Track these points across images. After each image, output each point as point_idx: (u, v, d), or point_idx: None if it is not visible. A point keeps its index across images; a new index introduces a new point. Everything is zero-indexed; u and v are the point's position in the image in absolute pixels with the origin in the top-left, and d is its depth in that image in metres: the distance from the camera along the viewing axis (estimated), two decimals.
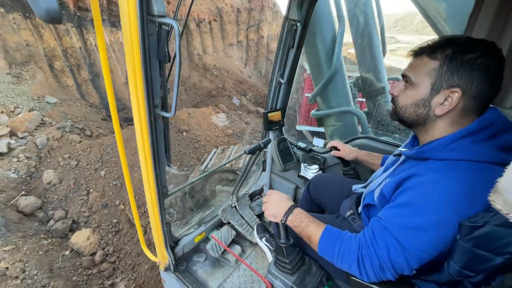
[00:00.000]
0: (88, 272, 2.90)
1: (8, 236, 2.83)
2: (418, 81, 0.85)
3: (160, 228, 1.29)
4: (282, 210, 1.06)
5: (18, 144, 4.31)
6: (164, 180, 1.22)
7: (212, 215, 1.84)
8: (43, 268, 2.64)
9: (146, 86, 0.89)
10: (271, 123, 1.71)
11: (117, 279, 2.93)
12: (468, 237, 0.68)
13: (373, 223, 0.84)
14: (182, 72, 8.93)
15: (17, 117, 4.73)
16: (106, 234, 3.32)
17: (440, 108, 0.82)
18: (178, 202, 3.69)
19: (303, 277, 1.16)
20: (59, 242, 3.13)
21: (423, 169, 0.80)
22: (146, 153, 1.03)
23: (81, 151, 4.12)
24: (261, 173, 2.16)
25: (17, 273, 2.50)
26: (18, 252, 2.71)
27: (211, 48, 9.61)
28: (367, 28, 3.07)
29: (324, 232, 0.92)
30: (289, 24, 1.49)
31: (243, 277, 1.51)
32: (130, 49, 0.82)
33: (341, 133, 3.03)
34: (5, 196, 3.38)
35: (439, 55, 0.80)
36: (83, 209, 3.49)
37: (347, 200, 1.28)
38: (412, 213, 0.75)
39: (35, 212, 3.39)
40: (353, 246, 0.83)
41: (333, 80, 2.68)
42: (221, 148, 4.03)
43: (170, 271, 1.49)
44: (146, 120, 0.96)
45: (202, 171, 3.65)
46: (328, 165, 1.90)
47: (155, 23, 0.85)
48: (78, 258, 3.02)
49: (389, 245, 0.77)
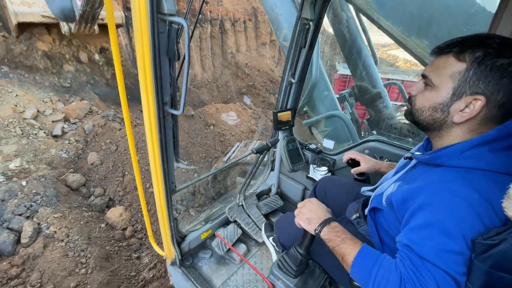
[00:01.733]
0: (119, 244, 3.26)
1: (57, 206, 3.30)
2: (438, 83, 0.77)
3: (167, 223, 1.31)
4: (318, 219, 0.97)
5: (70, 129, 4.93)
6: (172, 176, 1.24)
7: (219, 212, 1.83)
8: (83, 236, 3.04)
9: (155, 83, 0.90)
10: (281, 123, 1.69)
11: (143, 253, 3.25)
12: (483, 256, 0.61)
13: (405, 251, 0.74)
14: (215, 70, 9.30)
15: (70, 105, 5.40)
16: (136, 213, 3.68)
17: (459, 115, 0.75)
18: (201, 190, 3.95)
19: (306, 280, 1.13)
20: (97, 216, 3.55)
21: (436, 178, 0.75)
22: (155, 149, 1.05)
23: (120, 138, 4.58)
24: (269, 173, 2.14)
25: (63, 237, 2.93)
26: (65, 219, 3.15)
27: (244, 47, 9.83)
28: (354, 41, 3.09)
29: (360, 253, 0.82)
30: (301, 23, 1.46)
31: (247, 276, 1.50)
32: (141, 47, 0.83)
33: (333, 137, 3.01)
34: (57, 172, 3.93)
35: (468, 57, 0.71)
36: (118, 189, 3.90)
37: (353, 202, 1.23)
38: (441, 232, 0.68)
39: (79, 187, 3.88)
40: (394, 278, 0.73)
41: (316, 88, 2.75)
42: (244, 142, 4.20)
43: (176, 266, 1.51)
44: (155, 117, 0.97)
45: (224, 162, 3.86)
46: (337, 167, 1.86)
47: (165, 21, 0.85)
48: (112, 231, 3.40)
49: (436, 275, 0.67)
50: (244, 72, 9.02)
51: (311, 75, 2.65)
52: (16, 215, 3.01)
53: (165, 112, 1.01)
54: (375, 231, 1.00)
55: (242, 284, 1.46)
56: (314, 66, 2.57)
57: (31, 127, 4.69)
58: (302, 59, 1.59)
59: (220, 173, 3.77)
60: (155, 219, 3.61)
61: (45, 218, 3.07)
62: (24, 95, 5.04)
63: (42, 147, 4.38)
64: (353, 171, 1.37)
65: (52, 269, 2.62)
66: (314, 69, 2.56)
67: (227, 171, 3.79)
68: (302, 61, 1.59)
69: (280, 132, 1.81)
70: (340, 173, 1.84)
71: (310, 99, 2.89)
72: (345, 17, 3.01)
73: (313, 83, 2.65)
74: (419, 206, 0.73)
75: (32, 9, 4.60)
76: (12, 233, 2.82)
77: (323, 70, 2.79)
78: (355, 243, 0.86)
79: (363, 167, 1.34)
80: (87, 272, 2.69)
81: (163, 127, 1.02)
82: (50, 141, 4.56)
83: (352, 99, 3.36)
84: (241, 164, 3.80)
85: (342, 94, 3.32)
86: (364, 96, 3.22)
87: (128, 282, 2.84)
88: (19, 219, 2.96)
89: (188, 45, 0.87)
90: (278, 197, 2.08)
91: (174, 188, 1.27)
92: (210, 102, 6.72)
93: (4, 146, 4.14)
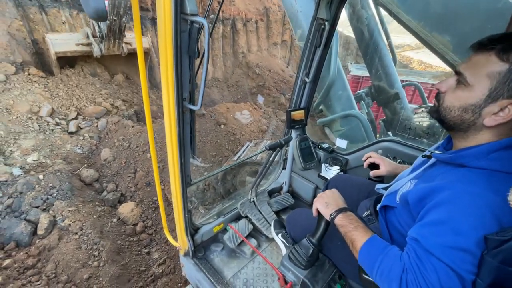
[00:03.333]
0: (130, 239, 3.33)
1: (72, 199, 3.40)
2: (474, 82, 0.72)
3: (182, 215, 1.36)
4: (336, 205, 1.00)
5: (85, 125, 5.05)
6: (188, 169, 1.27)
7: (231, 207, 1.87)
8: (95, 229, 3.12)
9: (176, 79, 0.94)
10: (294, 121, 1.70)
11: (153, 249, 3.30)
12: (494, 251, 0.61)
13: (413, 244, 0.75)
14: (226, 70, 9.35)
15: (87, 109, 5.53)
16: (147, 209, 3.75)
17: (491, 118, 0.71)
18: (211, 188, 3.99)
19: (315, 272, 1.16)
20: (109, 210, 3.64)
21: (457, 179, 0.73)
22: (173, 142, 1.09)
23: (132, 135, 4.67)
24: (281, 171, 2.15)
25: (77, 230, 3.01)
26: (79, 213, 3.24)
27: (255, 46, 9.85)
28: (373, 40, 3.01)
29: (369, 241, 0.84)
30: (317, 23, 1.47)
31: (257, 270, 1.53)
32: (164, 44, 0.87)
33: (348, 137, 2.97)
34: (72, 167, 4.05)
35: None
36: (130, 185, 3.98)
37: (365, 200, 1.24)
38: (453, 231, 0.67)
39: (93, 182, 3.98)
40: (396, 267, 0.74)
41: (334, 87, 2.70)
42: (254, 141, 4.21)
43: (189, 257, 1.55)
44: (175, 112, 1.01)
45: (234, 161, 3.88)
46: (350, 167, 1.84)
47: (187, 21, 0.89)
48: (123, 226, 3.47)
49: (438, 269, 0.67)
50: (255, 72, 9.04)
51: (329, 74, 2.62)
52: (33, 207, 3.12)
53: (184, 107, 1.05)
54: (386, 228, 1.00)
55: (252, 277, 1.48)
56: (332, 65, 2.54)
57: (47, 123, 4.84)
58: (317, 58, 1.59)
59: (230, 172, 3.79)
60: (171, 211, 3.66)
61: (60, 211, 3.16)
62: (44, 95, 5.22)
63: (58, 142, 4.52)
64: (372, 173, 1.35)
65: (66, 260, 2.70)
66: (332, 67, 2.54)
67: (237, 170, 3.81)
68: (317, 60, 1.60)
69: (293, 130, 1.83)
70: (353, 173, 1.83)
71: (327, 98, 2.86)
72: (365, 15, 2.96)
73: (331, 81, 2.62)
74: (436, 204, 0.72)
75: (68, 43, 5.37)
76: (29, 225, 2.92)
77: (341, 69, 2.75)
78: (366, 232, 0.88)
79: (383, 171, 1.30)
80: (99, 265, 2.76)
81: (181, 121, 1.06)
82: (65, 137, 4.69)
83: (368, 99, 3.31)
84: (250, 164, 3.81)
85: (359, 93, 3.27)
86: (382, 96, 3.17)
87: (138, 277, 2.89)
88: (36, 211, 3.06)
89: (208, 43, 0.90)
90: (289, 195, 2.10)
91: (189, 181, 1.30)
92: (221, 102, 6.77)
93: (23, 140, 4.29)
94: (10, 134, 4.29)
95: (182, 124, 1.07)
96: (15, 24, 5.36)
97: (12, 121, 4.54)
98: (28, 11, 5.63)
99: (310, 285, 1.12)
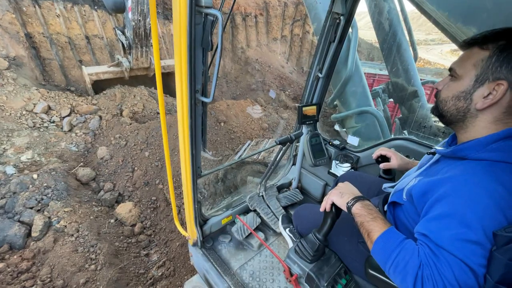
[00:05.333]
0: (128, 241, 3.23)
1: (68, 200, 3.28)
2: (462, 73, 0.80)
3: (192, 205, 1.40)
4: (352, 194, 0.99)
5: (78, 122, 4.91)
6: (199, 161, 1.30)
7: (240, 201, 1.91)
8: (92, 231, 3.01)
9: (189, 71, 0.96)
10: (305, 117, 1.71)
11: (152, 250, 3.21)
12: (504, 248, 0.62)
13: (424, 240, 0.76)
14: (224, 65, 9.21)
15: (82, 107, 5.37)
16: (145, 209, 3.64)
17: (482, 101, 0.76)
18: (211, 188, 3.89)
19: (321, 266, 1.18)
20: (107, 211, 3.53)
21: (459, 171, 0.75)
22: (185, 133, 1.12)
23: (130, 133, 4.54)
24: (291, 167, 2.17)
25: (73, 232, 2.90)
26: (75, 214, 3.13)
27: (254, 42, 9.71)
28: (394, 34, 2.90)
29: (386, 232, 0.84)
30: (332, 18, 1.47)
31: (264, 263, 1.57)
32: (179, 37, 0.89)
33: (362, 134, 2.89)
34: (68, 165, 3.91)
35: (491, 45, 0.75)
36: (128, 184, 3.87)
37: (375, 198, 1.24)
38: (459, 223, 0.68)
39: (89, 182, 3.86)
40: (413, 262, 0.74)
41: (350, 83, 2.61)
42: (256, 140, 4.11)
43: (197, 247, 1.60)
44: (187, 103, 1.03)
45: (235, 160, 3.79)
46: (361, 165, 1.83)
47: (201, 13, 0.91)
48: (121, 227, 3.37)
49: (452, 264, 0.68)
50: (255, 68, 8.92)
51: (346, 68, 2.52)
52: (27, 208, 3.00)
53: (196, 99, 1.07)
54: (394, 225, 0.99)
55: (258, 269, 1.52)
56: (350, 59, 2.45)
57: (42, 120, 4.69)
58: (331, 54, 1.58)
59: (231, 171, 3.70)
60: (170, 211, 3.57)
61: (56, 212, 3.05)
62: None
63: (53, 140, 4.38)
64: (382, 166, 1.34)
65: (62, 264, 2.59)
66: (350, 62, 2.45)
67: (238, 169, 3.72)
68: (331, 56, 1.59)
69: (304, 126, 1.82)
70: (363, 171, 1.82)
71: (342, 93, 2.75)
72: (387, 7, 2.86)
73: (348, 76, 2.52)
74: (439, 197, 0.73)
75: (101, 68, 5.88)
76: (23, 226, 2.81)
77: (359, 64, 2.67)
78: (385, 223, 0.88)
79: (394, 164, 1.30)
80: (97, 269, 2.66)
81: (193, 113, 1.08)
82: (60, 134, 4.55)
83: (385, 96, 3.21)
84: (252, 163, 3.71)
85: (375, 90, 3.18)
86: (400, 93, 3.08)
87: (137, 280, 2.80)
88: (30, 212, 2.95)
89: (222, 36, 0.91)
90: (298, 191, 2.09)
91: (200, 172, 1.32)
92: (220, 98, 6.64)
93: (17, 138, 4.15)
94: (3, 131, 4.14)
95: (194, 116, 1.09)
96: (7, 16, 5.18)
97: (5, 118, 4.39)
98: (21, 3, 5.45)
99: (315, 278, 1.13)
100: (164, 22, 8.02)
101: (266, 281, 1.46)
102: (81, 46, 6.74)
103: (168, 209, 3.65)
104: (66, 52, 6.50)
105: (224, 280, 1.45)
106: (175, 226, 3.19)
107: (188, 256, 2.99)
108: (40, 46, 6.01)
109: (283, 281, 1.44)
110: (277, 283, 1.45)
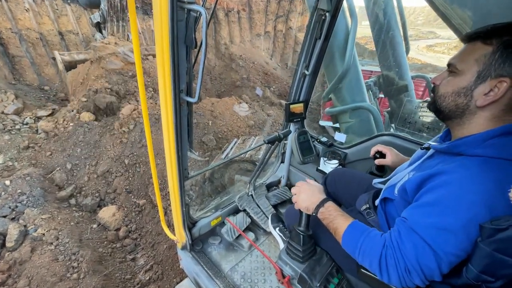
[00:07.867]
0: (113, 246, 3.11)
1: (45, 206, 3.11)
2: (463, 68, 0.78)
3: (180, 208, 1.36)
4: (313, 204, 1.04)
5: None
6: (186, 163, 1.26)
7: (229, 201, 1.88)
8: (73, 238, 2.87)
9: (172, 71, 0.91)
10: (293, 115, 1.70)
11: (138, 254, 3.11)
12: (489, 240, 0.64)
13: (399, 223, 0.80)
14: (208, 62, 9.04)
15: None
16: (129, 212, 3.52)
17: (483, 98, 0.74)
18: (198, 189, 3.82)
19: (313, 266, 1.17)
20: (88, 216, 3.38)
21: (453, 166, 0.74)
22: (170, 135, 1.08)
23: None
24: (279, 165, 2.16)
25: (52, 240, 2.75)
26: (53, 221, 2.96)
27: (238, 38, 9.60)
28: (388, 25, 2.90)
29: (350, 225, 0.90)
30: (317, 14, 1.44)
31: (255, 263, 1.55)
32: (160, 34, 0.84)
33: (356, 130, 2.91)
34: (43, 170, 3.70)
35: (495, 41, 0.72)
36: (109, 191, 3.72)
37: (364, 194, 1.25)
38: (441, 213, 0.70)
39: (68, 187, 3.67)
40: (377, 244, 0.79)
41: (347, 77, 2.57)
42: (242, 138, 4.08)
43: (187, 250, 1.56)
44: (172, 104, 0.99)
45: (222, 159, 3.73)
46: (348, 161, 1.85)
47: (184, 9, 0.86)
48: (104, 232, 3.24)
49: (418, 246, 0.72)
50: (239, 64, 8.83)
51: (343, 62, 2.46)
52: (0, 217, 2.81)
53: (181, 99, 1.03)
54: (385, 221, 1.01)
55: (250, 270, 1.51)
56: (348, 52, 2.39)
57: (13, 122, 4.40)
58: (317, 51, 1.55)
59: (218, 170, 3.64)
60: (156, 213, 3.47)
61: (32, 219, 2.87)
62: None
63: (26, 143, 4.12)
64: (377, 162, 1.35)
65: (41, 275, 2.45)
66: (348, 55, 2.39)
67: (225, 168, 3.67)
68: (317, 53, 1.56)
69: (292, 124, 1.81)
70: (351, 167, 1.83)
71: (338, 87, 2.70)
72: None
73: (344, 70, 2.46)
74: (431, 187, 0.75)
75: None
76: None
77: (356, 58, 2.61)
78: (346, 219, 0.93)
79: (388, 160, 1.31)
80: (79, 277, 2.54)
81: (178, 114, 1.04)
82: (34, 137, 4.29)
83: (376, 89, 3.21)
84: (239, 162, 3.68)
85: (367, 83, 3.14)
86: (390, 86, 3.07)
87: (123, 286, 2.71)
88: (3, 221, 2.76)
89: (206, 33, 0.86)
90: (287, 189, 2.09)
91: (187, 174, 1.30)
92: (205, 96, 6.52)
93: None
94: None
95: (179, 117, 1.05)
96: None
97: None
98: None
99: (307, 279, 1.13)
100: (144, 17, 7.73)
101: (258, 281, 1.44)
102: (54, 43, 6.38)
103: (154, 211, 3.54)
104: (38, 49, 6.13)
105: (215, 283, 1.42)
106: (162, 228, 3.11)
107: (176, 258, 2.92)
108: (8, 42, 5.63)
109: (275, 281, 1.43)
110: (269, 283, 1.43)
